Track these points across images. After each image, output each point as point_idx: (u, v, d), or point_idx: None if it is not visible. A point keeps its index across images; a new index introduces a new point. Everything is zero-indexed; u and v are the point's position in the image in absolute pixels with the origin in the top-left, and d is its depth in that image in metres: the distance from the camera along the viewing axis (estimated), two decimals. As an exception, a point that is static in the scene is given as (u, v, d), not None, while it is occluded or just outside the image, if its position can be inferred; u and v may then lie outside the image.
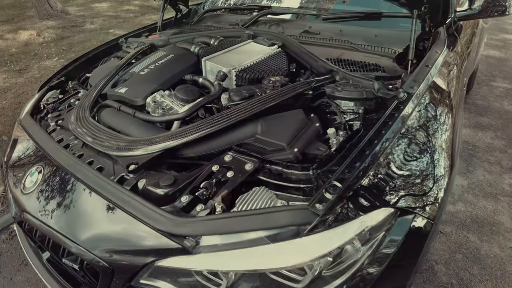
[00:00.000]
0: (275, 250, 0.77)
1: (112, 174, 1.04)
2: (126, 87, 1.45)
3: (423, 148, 1.10)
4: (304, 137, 1.07)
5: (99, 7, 7.63)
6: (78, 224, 0.98)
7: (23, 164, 1.29)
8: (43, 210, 1.05)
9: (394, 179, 0.97)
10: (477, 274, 1.88)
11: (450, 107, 1.35)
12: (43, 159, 1.21)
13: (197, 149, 1.11)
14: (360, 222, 0.84)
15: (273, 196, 0.89)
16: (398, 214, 0.91)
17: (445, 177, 1.08)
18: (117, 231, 0.91)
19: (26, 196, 1.12)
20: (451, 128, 1.25)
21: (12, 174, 1.30)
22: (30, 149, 1.36)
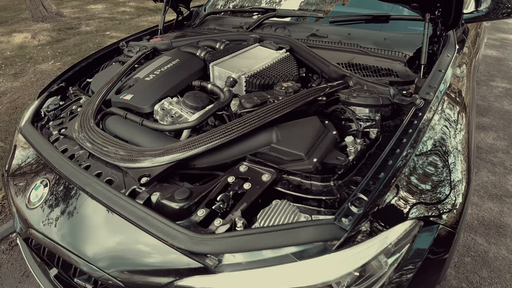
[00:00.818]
0: (302, 268, 0.74)
1: (123, 187, 1.00)
2: (131, 93, 1.40)
3: (444, 156, 1.08)
4: (322, 146, 1.03)
5: (94, 8, 7.54)
6: (90, 242, 0.93)
7: (26, 176, 1.24)
8: (50, 226, 1.00)
9: (417, 189, 0.95)
10: (487, 277, 1.86)
11: (465, 110, 1.33)
12: (47, 171, 1.16)
13: (210, 159, 1.07)
14: (386, 236, 0.82)
15: (296, 210, 0.85)
16: (422, 225, 0.88)
17: (463, 182, 1.06)
18: (133, 249, 0.87)
19: (31, 211, 1.07)
20: (467, 131, 1.24)
21: (14, 185, 1.25)
22: (33, 159, 1.31)
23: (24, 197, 1.13)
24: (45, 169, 1.18)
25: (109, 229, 0.93)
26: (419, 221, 0.88)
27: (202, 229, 0.85)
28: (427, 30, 1.38)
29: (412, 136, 1.01)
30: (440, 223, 0.91)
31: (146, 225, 0.84)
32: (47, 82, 4.01)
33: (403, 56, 1.54)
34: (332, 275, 0.75)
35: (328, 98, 1.25)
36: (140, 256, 0.85)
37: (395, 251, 0.83)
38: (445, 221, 0.92)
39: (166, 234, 0.80)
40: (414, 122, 1.07)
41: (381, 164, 0.92)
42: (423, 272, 0.88)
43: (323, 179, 0.94)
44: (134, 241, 0.87)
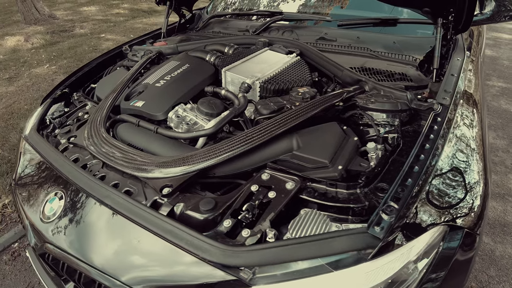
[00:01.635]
0: (338, 278, 0.74)
1: (144, 199, 0.97)
2: (142, 100, 1.38)
3: (465, 160, 1.08)
4: (345, 153, 1.03)
5: (87, 10, 7.43)
6: (112, 256, 0.90)
7: (37, 187, 1.20)
8: (69, 241, 0.97)
9: (441, 195, 0.95)
10: (495, 276, 1.89)
11: (478, 110, 1.34)
12: (60, 182, 1.13)
13: (230, 167, 1.05)
14: (417, 241, 0.82)
15: (327, 219, 0.84)
16: (448, 230, 0.89)
17: (480, 183, 1.06)
18: (160, 262, 0.85)
19: (47, 225, 1.04)
20: (481, 131, 1.24)
21: (24, 196, 1.21)
22: (42, 169, 1.27)
23: (38, 210, 1.09)
24: (58, 180, 1.15)
25: (134, 243, 0.90)
26: (446, 227, 0.88)
27: (230, 241, 0.84)
28: (439, 34, 1.39)
29: (434, 142, 1.01)
30: (464, 227, 0.91)
31: (174, 238, 0.81)
32: (43, 86, 3.94)
33: (413, 60, 1.54)
34: (368, 283, 0.75)
35: (345, 104, 1.25)
36: (168, 270, 0.83)
37: (424, 257, 0.84)
38: (468, 224, 0.93)
39: (196, 247, 0.79)
40: (435, 128, 1.07)
41: (407, 171, 0.91)
42: (451, 276, 0.88)
43: (349, 187, 0.94)
44: (160, 254, 0.85)
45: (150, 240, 0.87)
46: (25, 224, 1.12)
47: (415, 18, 1.73)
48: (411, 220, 0.84)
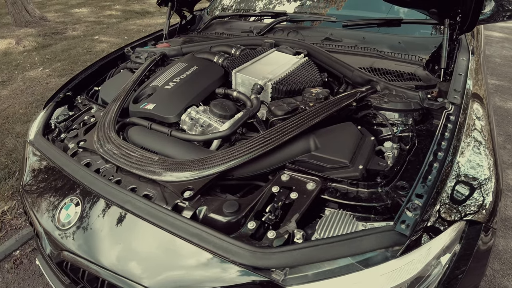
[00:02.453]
0: (369, 276, 0.75)
1: (164, 203, 0.96)
2: (153, 102, 1.36)
3: (478, 156, 1.10)
4: (363, 153, 1.03)
5: (79, 12, 7.33)
6: (137, 262, 0.89)
7: (48, 193, 1.17)
8: (89, 248, 0.95)
9: (460, 191, 0.96)
10: (499, 270, 1.92)
11: (485, 107, 1.36)
12: (75, 188, 1.10)
13: (249, 169, 1.05)
14: (441, 237, 0.84)
15: (352, 218, 0.85)
16: (468, 225, 0.91)
17: (493, 179, 1.09)
18: (188, 267, 0.84)
19: (64, 232, 1.01)
20: (490, 127, 1.27)
21: (34, 203, 1.18)
22: (52, 174, 1.24)
23: (52, 217, 1.07)
24: (71, 186, 1.12)
25: (158, 248, 0.89)
26: (465, 222, 0.91)
27: (257, 243, 0.83)
28: (446, 35, 1.41)
29: (450, 140, 1.03)
30: (482, 221, 0.93)
31: (201, 242, 0.81)
32: (38, 89, 3.87)
33: (419, 60, 1.56)
34: (397, 280, 0.76)
35: (358, 104, 1.26)
36: (195, 274, 0.82)
37: (446, 252, 0.86)
38: (485, 219, 0.95)
39: (225, 250, 0.78)
40: (449, 126, 1.09)
41: (427, 169, 0.93)
42: (471, 270, 0.91)
43: (371, 186, 0.94)
44: (186, 259, 0.84)
45: (175, 245, 0.86)
46: (39, 231, 1.10)
47: (419, 19, 1.75)
48: (434, 216, 0.85)
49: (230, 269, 0.78)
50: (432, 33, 1.73)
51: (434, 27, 1.73)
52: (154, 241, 0.89)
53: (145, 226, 0.91)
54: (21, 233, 2.19)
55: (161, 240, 0.89)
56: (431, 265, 0.83)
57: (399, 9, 1.86)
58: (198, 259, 0.82)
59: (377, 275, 0.75)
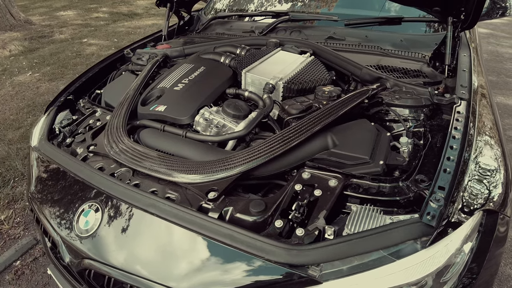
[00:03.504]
0: (401, 266, 0.77)
1: (189, 204, 0.95)
2: (163, 104, 1.35)
3: (489, 148, 1.13)
4: (381, 148, 1.05)
5: (65, 15, 7.17)
6: (166, 266, 0.87)
7: (62, 200, 1.14)
8: (114, 254, 0.93)
9: (476, 182, 0.99)
10: (501, 259, 1.99)
11: (489, 99, 1.40)
12: (92, 193, 1.07)
13: (269, 168, 1.05)
14: (464, 227, 0.86)
15: (379, 213, 0.87)
16: (485, 215, 0.93)
17: (502, 170, 1.12)
18: (220, 268, 0.83)
19: (85, 240, 0.98)
20: (495, 119, 1.30)
21: (47, 211, 1.15)
22: (64, 181, 1.21)
23: (69, 225, 1.04)
24: (88, 191, 1.09)
25: (188, 250, 0.88)
26: (483, 211, 0.93)
27: (287, 240, 0.84)
28: (450, 32, 1.44)
29: (464, 134, 1.05)
30: (498, 211, 0.96)
31: (234, 242, 0.81)
32: (28, 94, 3.77)
33: (422, 57, 1.60)
34: (427, 269, 0.79)
35: (369, 101, 1.27)
36: (229, 274, 0.81)
37: (468, 241, 0.89)
38: (500, 208, 0.98)
39: (259, 250, 0.78)
40: (460, 120, 1.12)
41: (445, 162, 0.95)
42: (490, 258, 0.93)
43: (392, 180, 0.96)
44: (218, 260, 0.84)
45: (205, 246, 0.86)
46: (56, 240, 1.06)
47: (419, 17, 1.79)
48: (455, 207, 0.88)
49: (266, 268, 0.79)
50: (432, 30, 1.77)
51: (434, 25, 1.77)
52: (183, 244, 0.89)
53: (171, 229, 0.90)
54: (21, 242, 2.13)
55: (190, 243, 0.88)
56: (455, 254, 0.85)
57: (398, 7, 1.90)
58: (230, 259, 0.82)
59: (408, 265, 0.78)
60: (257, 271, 0.79)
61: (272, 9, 2.19)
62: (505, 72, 4.30)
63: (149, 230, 0.93)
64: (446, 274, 0.84)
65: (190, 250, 0.87)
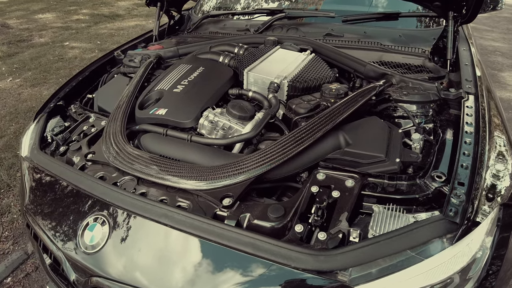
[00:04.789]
0: (429, 265, 0.76)
1: (202, 212, 0.90)
2: (164, 107, 1.29)
3: (498, 140, 1.12)
4: (395, 145, 1.03)
5: (43, 18, 6.91)
6: (186, 279, 0.81)
7: (62, 214, 1.06)
8: (126, 270, 0.86)
9: (491, 176, 0.98)
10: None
11: (492, 90, 1.40)
12: (96, 205, 1.00)
13: (282, 171, 1.01)
14: (485, 221, 0.85)
15: (402, 212, 0.85)
16: (502, 209, 0.93)
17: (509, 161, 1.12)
18: (245, 279, 0.78)
19: (93, 256, 0.91)
20: (499, 111, 1.30)
21: (46, 226, 1.07)
22: (62, 192, 1.13)
23: (74, 240, 0.96)
24: (90, 203, 1.01)
25: (207, 262, 0.82)
26: (500, 206, 0.92)
27: (309, 246, 0.80)
28: (451, 27, 1.44)
29: (476, 128, 1.05)
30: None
31: (257, 251, 0.76)
32: (10, 101, 3.60)
33: (422, 52, 1.60)
34: (456, 266, 0.78)
35: (377, 98, 1.25)
36: (255, 285, 0.77)
37: (488, 235, 0.88)
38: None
39: (285, 258, 0.74)
40: (470, 115, 1.11)
41: (461, 157, 0.94)
42: (510, 251, 0.92)
43: (409, 178, 0.95)
44: (242, 270, 0.79)
45: (225, 257, 0.81)
46: (58, 257, 0.99)
47: (416, 12, 1.80)
48: (476, 202, 0.87)
49: (293, 276, 0.75)
50: (429, 25, 1.77)
51: (432, 20, 1.78)
52: (202, 256, 0.83)
53: (187, 240, 0.85)
54: (11, 258, 2.02)
55: (209, 254, 0.83)
56: (479, 249, 0.84)
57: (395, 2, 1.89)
58: (254, 269, 0.78)
59: (437, 264, 0.77)
60: (283, 280, 0.75)
61: (266, 7, 2.15)
62: (490, 64, 4.41)
63: (163, 242, 0.87)
64: (471, 270, 0.83)
65: (211, 262, 0.82)
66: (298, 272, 0.74)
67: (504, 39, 5.40)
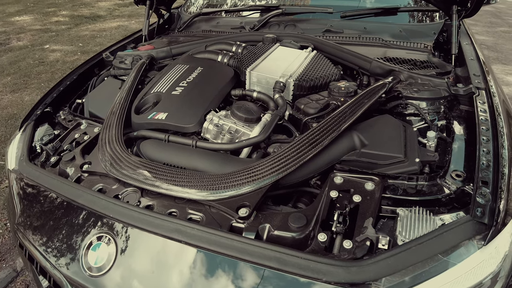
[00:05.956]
0: (463, 269, 0.73)
1: (217, 225, 0.83)
2: (163, 111, 1.21)
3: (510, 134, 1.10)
4: (412, 144, 0.99)
5: (21, 20, 6.62)
6: None
7: (60, 232, 0.96)
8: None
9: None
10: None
11: (497, 82, 1.38)
12: (98, 222, 0.91)
13: (298, 175, 0.96)
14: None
15: (428, 214, 0.81)
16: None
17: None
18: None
19: (99, 279, 0.83)
20: (506, 103, 1.29)
21: (41, 246, 0.98)
22: (58, 208, 1.03)
23: (76, 262, 0.87)
24: (92, 220, 0.93)
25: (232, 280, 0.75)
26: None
27: (335, 255, 0.75)
28: (455, 21, 1.42)
29: (493, 125, 1.02)
30: None
31: (284, 266, 0.70)
32: (-12, 108, 3.40)
33: (425, 47, 1.57)
34: (490, 268, 0.75)
35: (387, 95, 1.21)
36: None
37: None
38: None
39: (314, 271, 0.69)
40: (483, 110, 1.08)
41: (482, 155, 0.90)
42: None
43: (430, 178, 0.91)
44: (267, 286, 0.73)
45: (248, 274, 0.74)
46: (59, 281, 0.89)
47: (414, 6, 1.77)
48: (500, 201, 0.84)
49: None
50: (429, 20, 1.75)
51: (431, 14, 1.75)
52: (223, 273, 0.76)
53: (205, 257, 0.78)
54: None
55: (230, 271, 0.76)
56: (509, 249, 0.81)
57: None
58: (282, 285, 0.71)
59: (470, 267, 0.73)
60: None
61: (260, 3, 2.08)
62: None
63: (178, 261, 0.80)
64: (500, 271, 0.80)
65: (234, 280, 0.75)
66: (330, 287, 0.68)
67: (488, 32, 5.51)
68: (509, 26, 6.05)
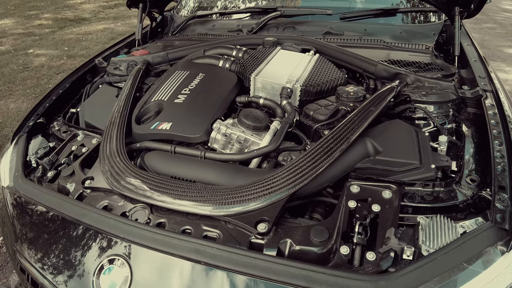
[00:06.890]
0: (489, 276, 0.72)
1: (235, 242, 0.80)
2: (167, 121, 1.16)
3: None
4: (425, 150, 0.98)
5: (1, 24, 6.39)
6: None
7: (66, 255, 0.91)
8: None
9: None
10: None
11: (500, 82, 1.39)
12: (107, 244, 0.86)
13: (313, 185, 0.93)
14: None
15: (449, 222, 0.79)
16: None
17: None
18: None
19: None
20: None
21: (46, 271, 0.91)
22: (60, 229, 0.97)
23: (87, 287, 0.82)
24: (101, 241, 0.87)
25: None
26: None
27: (360, 269, 0.73)
28: (458, 22, 1.41)
29: (504, 128, 1.01)
30: None
31: (311, 284, 0.67)
32: (-28, 117, 3.26)
33: (426, 48, 1.56)
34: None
35: (395, 99, 1.20)
36: None
37: None
38: None
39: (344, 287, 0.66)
40: (491, 113, 1.08)
41: (496, 159, 0.90)
42: None
43: (447, 184, 0.90)
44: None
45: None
46: None
47: (414, 8, 1.77)
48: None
49: None
50: (428, 21, 1.75)
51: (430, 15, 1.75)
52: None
53: (228, 278, 0.74)
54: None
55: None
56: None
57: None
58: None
59: (496, 274, 0.73)
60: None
61: (256, 5, 2.04)
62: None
63: (199, 283, 0.76)
64: None
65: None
66: None
67: (474, 29, 5.62)
68: (495, 23, 6.19)
